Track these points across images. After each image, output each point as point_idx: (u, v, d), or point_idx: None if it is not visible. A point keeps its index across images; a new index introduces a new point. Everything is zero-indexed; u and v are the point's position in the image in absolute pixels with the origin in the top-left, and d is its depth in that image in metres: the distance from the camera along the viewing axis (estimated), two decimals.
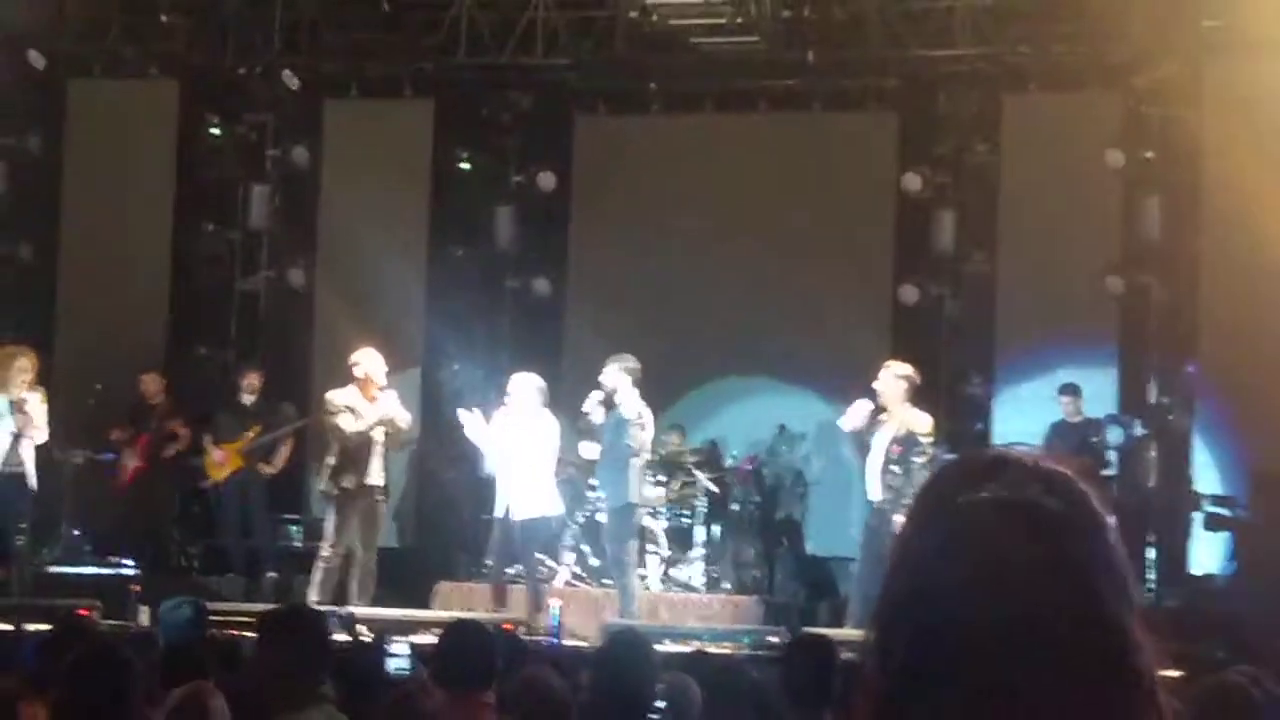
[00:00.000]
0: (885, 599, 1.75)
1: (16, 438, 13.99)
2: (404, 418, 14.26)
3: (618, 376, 13.96)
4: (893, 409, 13.49)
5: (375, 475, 14.08)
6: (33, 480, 14.14)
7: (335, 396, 14.20)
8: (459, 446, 14.61)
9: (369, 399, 14.11)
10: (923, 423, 13.49)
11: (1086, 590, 1.69)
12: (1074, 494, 1.74)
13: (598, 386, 14.18)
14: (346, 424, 14.01)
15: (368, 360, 14.16)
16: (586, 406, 14.14)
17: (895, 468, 13.19)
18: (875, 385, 13.61)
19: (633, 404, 13.96)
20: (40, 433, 14.21)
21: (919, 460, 13.01)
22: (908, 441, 13.29)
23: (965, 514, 1.72)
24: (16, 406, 13.91)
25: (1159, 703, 1.71)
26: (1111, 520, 1.76)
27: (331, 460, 14.17)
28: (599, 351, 14.88)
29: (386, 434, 14.14)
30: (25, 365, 14.08)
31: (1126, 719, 1.69)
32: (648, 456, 14.28)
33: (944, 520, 1.73)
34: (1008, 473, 1.75)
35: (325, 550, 14.11)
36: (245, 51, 18.59)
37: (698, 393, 17.60)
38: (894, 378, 13.61)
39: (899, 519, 13.35)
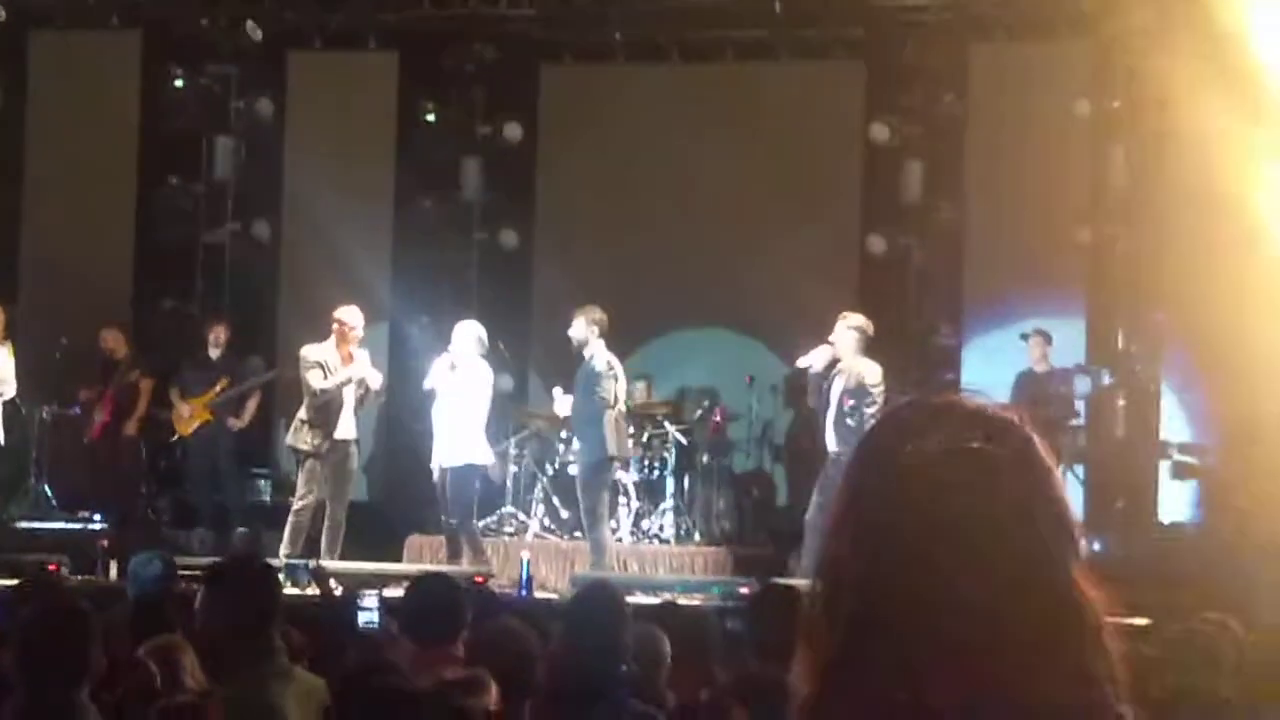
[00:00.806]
0: (831, 549, 1.74)
1: None
2: (375, 378, 14.20)
3: (586, 328, 13.92)
4: (846, 360, 13.47)
5: (345, 430, 14.03)
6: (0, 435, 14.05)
7: (309, 352, 14.15)
8: (427, 400, 14.56)
9: (344, 356, 14.06)
10: (872, 373, 13.46)
11: (1030, 537, 1.68)
12: (1018, 440, 1.73)
13: (566, 338, 14.15)
14: (316, 380, 13.97)
15: (348, 317, 14.11)
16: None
17: (849, 420, 13.19)
18: (830, 337, 13.59)
19: (602, 356, 13.94)
20: (8, 387, 14.14)
21: (870, 410, 13.00)
22: (858, 393, 13.29)
23: (908, 463, 1.71)
24: None
25: (1105, 646, 1.70)
26: (1055, 466, 1.75)
27: (302, 415, 14.13)
28: (567, 302, 14.83)
29: (359, 393, 14.10)
30: None
31: (1076, 663, 1.68)
32: (622, 408, 14.23)
33: (888, 470, 1.72)
34: (950, 421, 1.73)
35: (296, 504, 14.08)
36: (208, 2, 18.46)
37: (665, 343, 17.61)
38: (846, 329, 13.58)
39: None
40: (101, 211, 18.39)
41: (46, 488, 16.85)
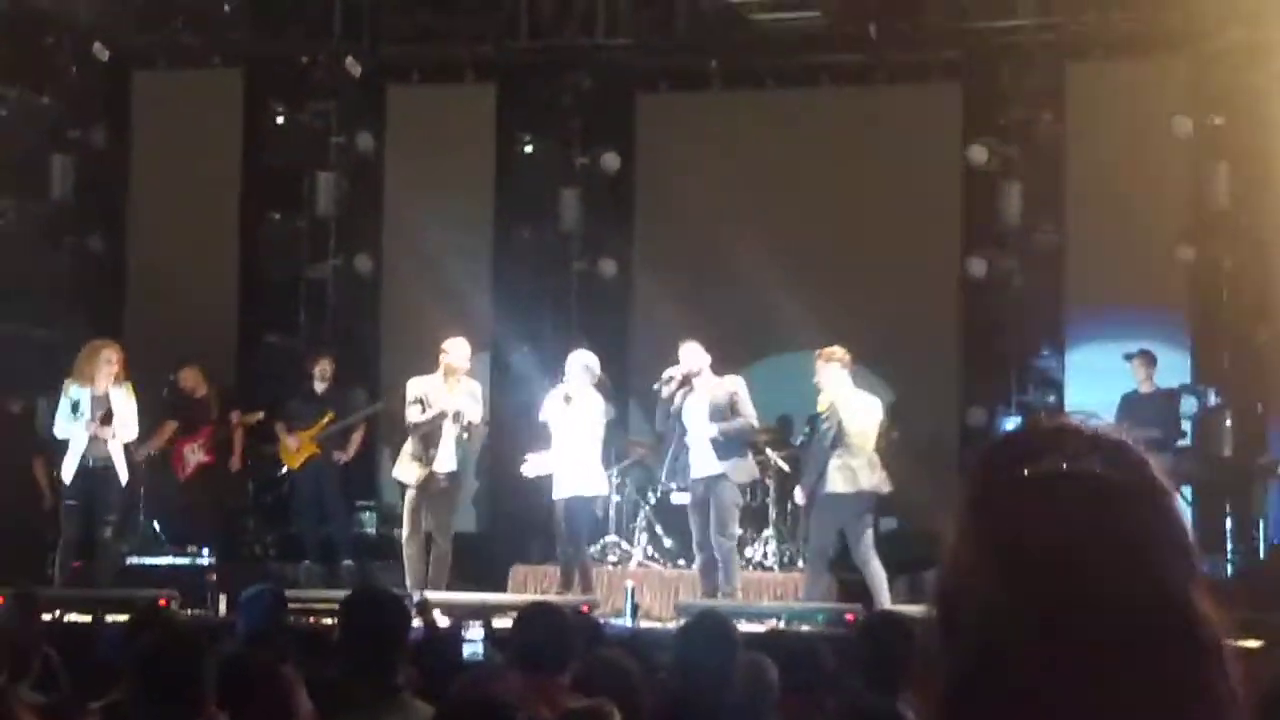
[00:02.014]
0: (948, 575, 1.74)
1: (102, 431, 13.90)
2: (472, 411, 14.22)
3: (700, 358, 13.94)
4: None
5: (445, 462, 14.09)
6: (122, 474, 14.09)
7: (412, 385, 14.27)
8: (531, 430, 14.62)
9: (449, 388, 14.14)
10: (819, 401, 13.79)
11: (1149, 561, 1.68)
12: (1134, 464, 1.73)
13: (670, 365, 14.14)
14: (411, 414, 14.09)
15: (450, 348, 14.22)
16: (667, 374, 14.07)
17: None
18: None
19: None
20: (129, 429, 14.16)
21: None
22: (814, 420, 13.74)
23: (1028, 486, 1.71)
24: (101, 401, 13.88)
25: (1228, 672, 1.69)
26: (1172, 489, 1.74)
27: (406, 448, 14.25)
28: (666, 331, 14.84)
29: (460, 426, 14.16)
30: (110, 358, 14.05)
31: (1196, 689, 1.67)
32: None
33: (1007, 494, 1.72)
34: (1067, 444, 1.73)
35: (403, 538, 14.18)
36: (307, 39, 18.66)
37: (764, 369, 17.54)
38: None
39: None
40: (205, 248, 18.60)
41: (155, 524, 17.02)
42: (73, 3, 17.25)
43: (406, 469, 14.17)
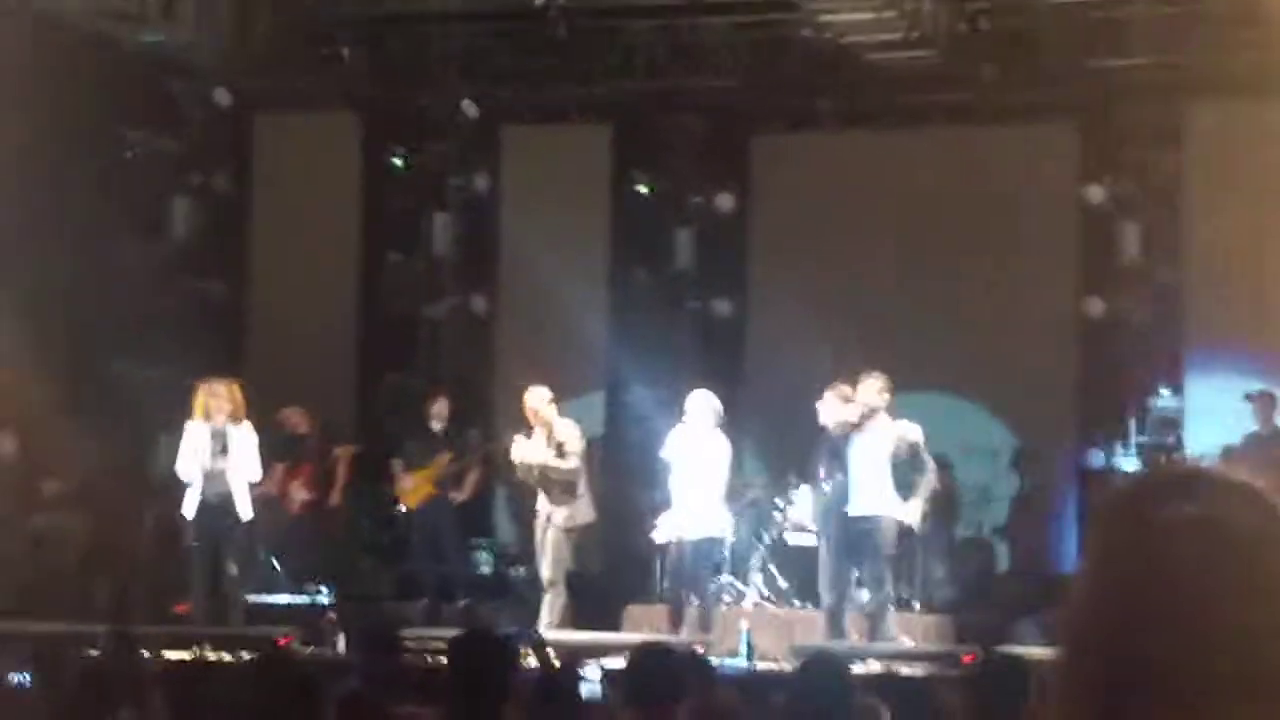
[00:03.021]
0: (1079, 620, 1.74)
1: (219, 468, 14.02)
2: (557, 457, 14.35)
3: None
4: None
5: (559, 514, 14.18)
6: (244, 512, 14.16)
7: (517, 446, 14.53)
8: (646, 470, 14.66)
9: (541, 434, 14.30)
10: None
11: None
12: (1266, 509, 1.72)
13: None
14: (515, 458, 14.34)
15: (530, 398, 14.41)
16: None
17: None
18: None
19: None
20: (250, 467, 14.27)
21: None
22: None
23: (1161, 532, 1.71)
24: (221, 439, 14.01)
25: None
26: None
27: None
28: (781, 371, 14.82)
29: (559, 467, 14.29)
30: (226, 395, 14.17)
31: None
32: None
33: (1138, 539, 1.72)
34: (1200, 488, 1.73)
35: (546, 582, 14.37)
36: (424, 82, 18.82)
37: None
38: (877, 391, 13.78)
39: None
40: (324, 289, 18.79)
41: (274, 561, 17.16)
42: (195, 48, 17.49)
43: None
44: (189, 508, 13.97)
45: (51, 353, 16.08)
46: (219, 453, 13.94)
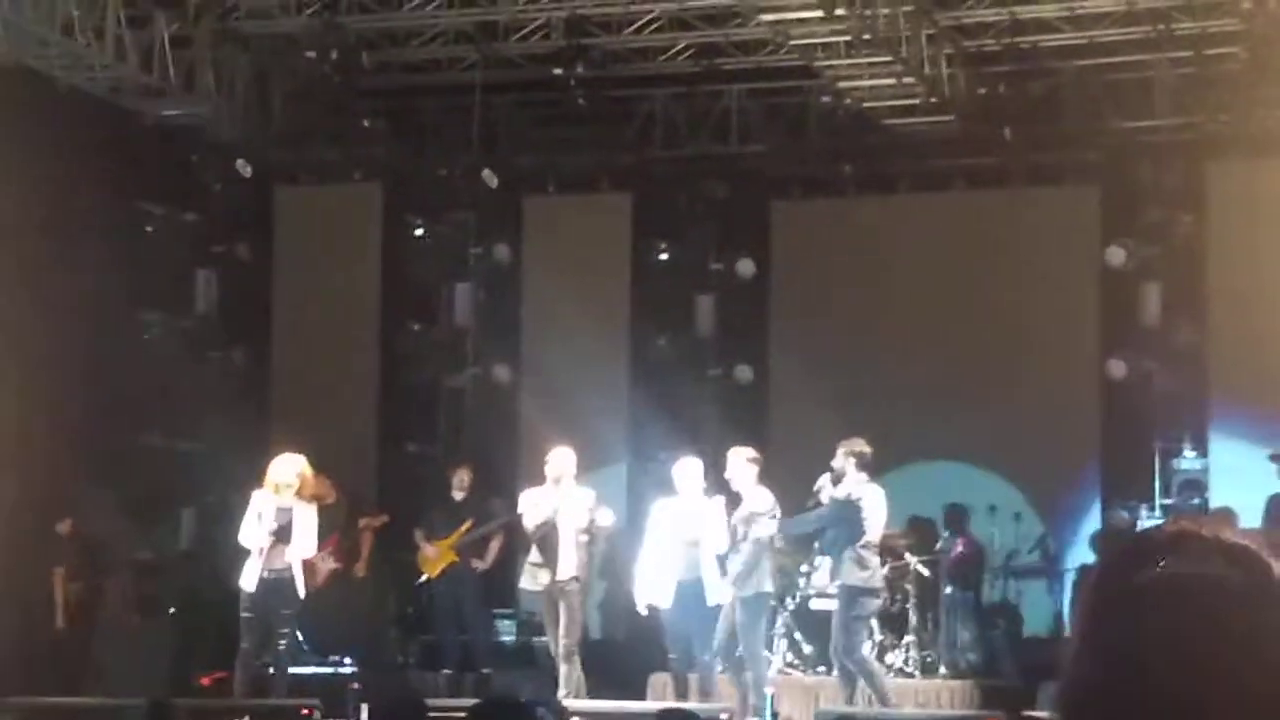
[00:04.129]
0: (1073, 681, 1.72)
1: (280, 543, 13.81)
2: (584, 516, 14.14)
3: (843, 460, 13.89)
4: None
5: (565, 568, 14.03)
6: (299, 588, 13.96)
7: (524, 497, 14.37)
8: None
9: (560, 496, 14.16)
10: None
11: (1271, 665, 1.65)
12: (1256, 567, 1.71)
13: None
14: (529, 522, 14.15)
15: (556, 458, 14.24)
16: (818, 485, 14.06)
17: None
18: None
19: (846, 487, 13.86)
20: (307, 543, 14.05)
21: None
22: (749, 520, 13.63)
23: (1144, 594, 1.69)
24: (287, 513, 13.81)
25: None
26: None
27: (529, 557, 14.28)
28: (803, 436, 14.79)
29: (580, 530, 14.14)
30: (300, 473, 13.96)
31: None
32: (868, 540, 14.01)
33: (1125, 600, 1.70)
34: (1187, 548, 1.71)
35: (556, 654, 14.16)
36: (445, 152, 18.91)
37: (902, 474, 17.43)
38: (744, 462, 13.80)
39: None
40: (346, 358, 18.83)
41: (297, 632, 17.12)
42: (216, 121, 17.60)
43: (529, 576, 14.21)
44: (247, 579, 13.78)
45: (78, 426, 16.13)
46: (283, 527, 13.77)
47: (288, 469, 13.88)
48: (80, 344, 16.25)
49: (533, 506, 14.12)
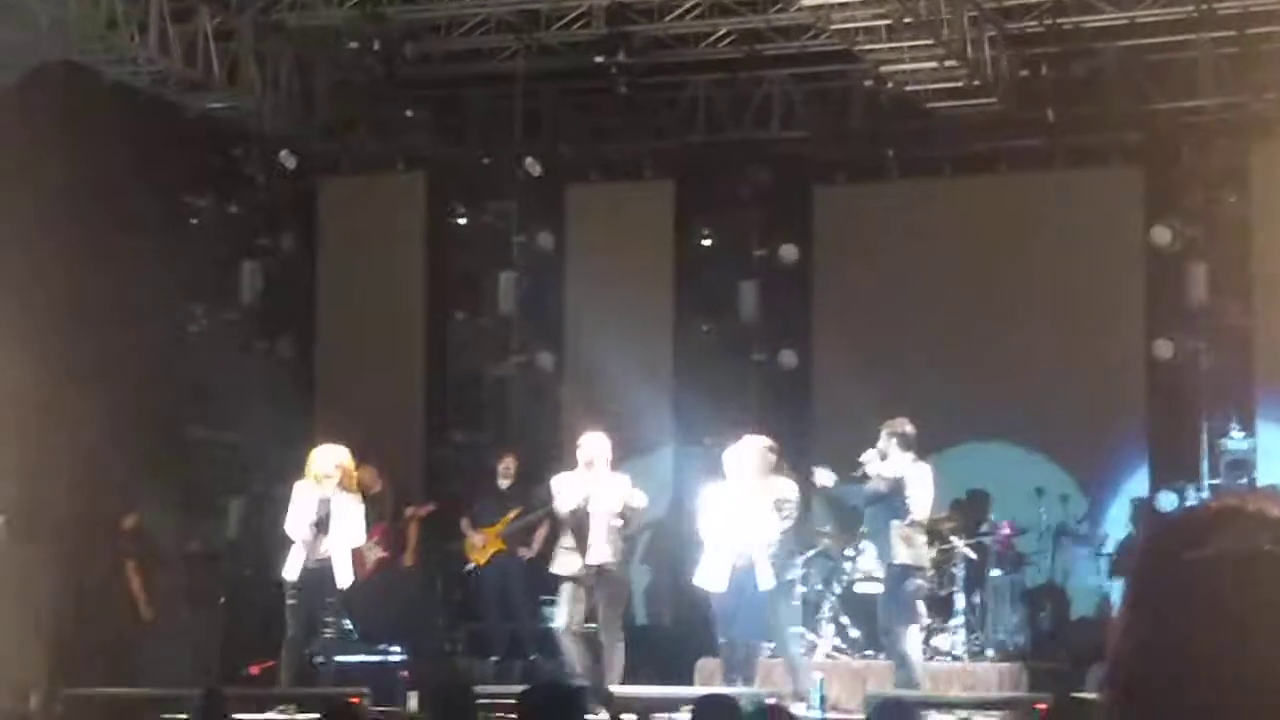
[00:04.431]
0: (1121, 659, 1.73)
1: (322, 534, 13.84)
2: (617, 500, 14.06)
3: (885, 440, 13.91)
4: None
5: (598, 554, 13.98)
6: (342, 579, 13.94)
7: (555, 481, 14.32)
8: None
9: (592, 481, 14.09)
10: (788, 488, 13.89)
11: None
12: None
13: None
14: (561, 506, 14.10)
15: (588, 443, 14.18)
16: (864, 458, 14.08)
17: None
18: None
19: (893, 466, 13.88)
20: (355, 533, 14.08)
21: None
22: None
23: (1191, 570, 1.70)
24: (328, 504, 13.85)
25: None
26: None
27: (561, 541, 14.25)
28: (847, 420, 14.78)
29: (621, 514, 14.08)
30: (342, 464, 13.99)
31: None
32: (915, 519, 14.01)
33: (1171, 575, 1.71)
34: (1235, 524, 1.72)
35: (560, 629, 14.10)
36: (487, 141, 18.95)
37: (949, 458, 17.39)
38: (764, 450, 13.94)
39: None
40: (391, 348, 18.88)
41: (346, 621, 17.19)
42: (259, 113, 17.67)
43: (562, 561, 14.17)
44: (291, 569, 13.84)
45: (124, 419, 16.21)
46: (324, 518, 13.81)
47: (327, 460, 13.92)
48: (126, 337, 16.33)
49: (565, 491, 14.09)
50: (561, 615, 14.09)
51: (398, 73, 17.88)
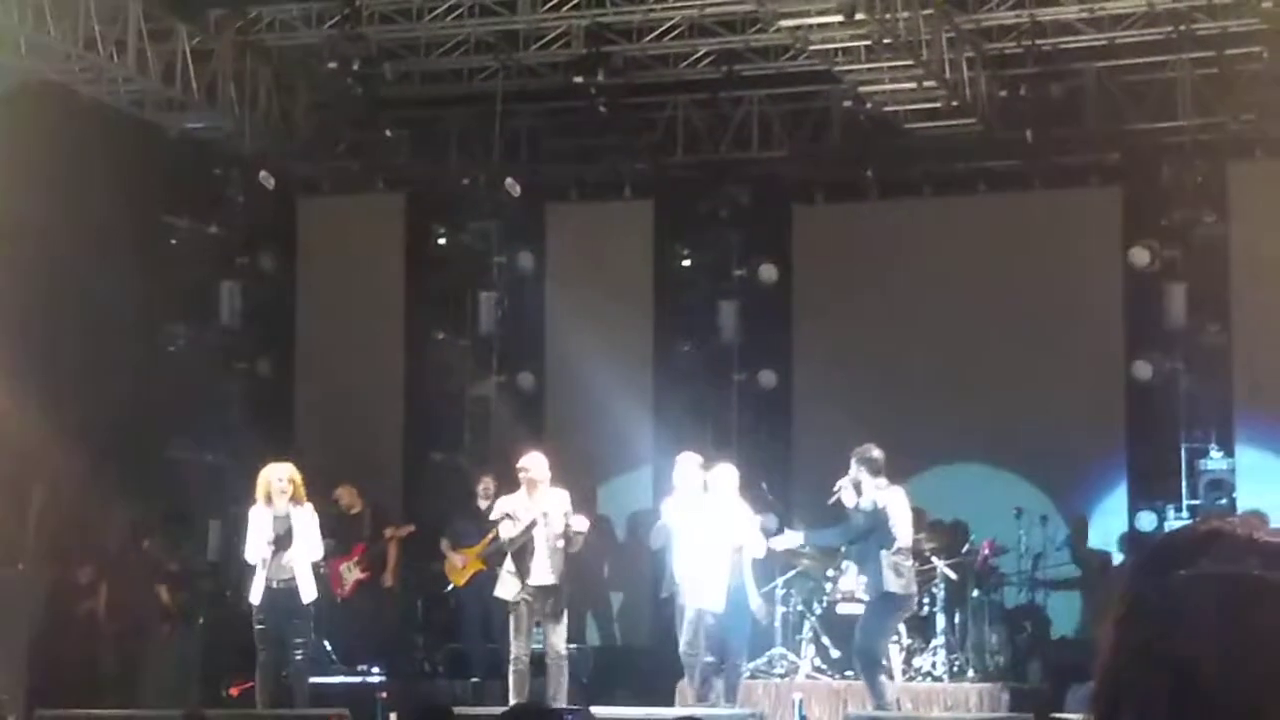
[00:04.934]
0: (1104, 684, 1.72)
1: (282, 551, 13.83)
2: (559, 520, 13.99)
3: (855, 468, 13.87)
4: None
5: (541, 576, 13.93)
6: (306, 594, 13.93)
7: (499, 504, 14.28)
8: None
9: (534, 502, 14.05)
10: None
11: None
12: None
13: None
14: (505, 531, 14.05)
15: (531, 464, 14.14)
16: (837, 487, 14.04)
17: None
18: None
19: (869, 495, 13.85)
20: (313, 548, 14.08)
21: None
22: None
23: (1178, 592, 1.69)
24: (285, 521, 13.85)
25: None
26: None
27: (505, 566, 14.18)
28: (827, 441, 14.78)
29: (563, 535, 14.01)
30: (285, 479, 13.99)
31: None
32: (899, 545, 13.97)
33: (1156, 600, 1.70)
34: (1222, 546, 1.71)
35: (511, 654, 14.03)
36: (467, 161, 18.95)
37: (928, 479, 17.42)
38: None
39: None
40: (371, 368, 18.87)
41: (325, 642, 17.16)
42: (238, 133, 17.65)
43: (505, 586, 14.08)
44: (255, 592, 13.82)
45: (104, 438, 16.17)
46: (283, 535, 13.80)
47: (277, 477, 13.91)
48: (105, 357, 16.30)
49: (512, 514, 14.04)
50: (510, 641, 14.00)
51: (377, 93, 17.88)
